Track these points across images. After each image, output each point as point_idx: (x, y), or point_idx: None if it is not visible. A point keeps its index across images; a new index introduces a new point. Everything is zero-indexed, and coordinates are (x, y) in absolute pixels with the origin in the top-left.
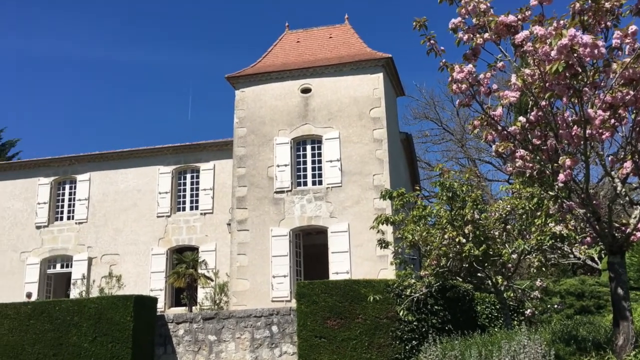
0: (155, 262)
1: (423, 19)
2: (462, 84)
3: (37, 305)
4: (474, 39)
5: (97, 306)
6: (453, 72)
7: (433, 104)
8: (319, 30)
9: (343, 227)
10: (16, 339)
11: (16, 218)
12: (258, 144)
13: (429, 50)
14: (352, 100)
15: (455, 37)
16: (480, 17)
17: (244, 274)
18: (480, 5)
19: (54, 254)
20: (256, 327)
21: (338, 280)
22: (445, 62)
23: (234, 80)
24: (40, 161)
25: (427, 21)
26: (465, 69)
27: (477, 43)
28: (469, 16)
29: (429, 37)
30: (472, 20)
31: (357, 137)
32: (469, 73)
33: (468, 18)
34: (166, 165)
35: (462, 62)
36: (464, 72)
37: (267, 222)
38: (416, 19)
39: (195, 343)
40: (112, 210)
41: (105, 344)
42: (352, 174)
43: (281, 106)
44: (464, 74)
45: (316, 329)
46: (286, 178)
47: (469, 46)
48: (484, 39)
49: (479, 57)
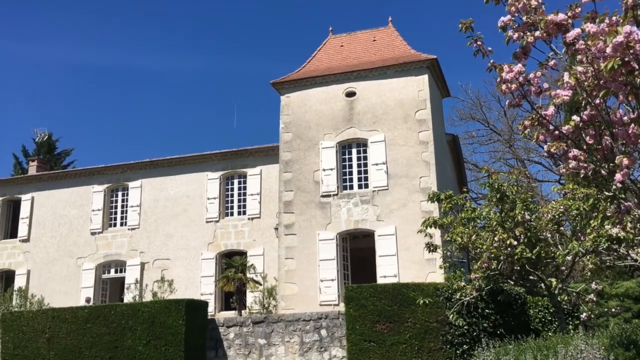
0: (205, 267)
1: (469, 21)
2: (511, 84)
3: (93, 309)
4: (525, 37)
5: (150, 310)
6: (502, 73)
7: (479, 105)
8: (363, 33)
9: (390, 231)
10: (74, 342)
11: (72, 225)
12: (304, 148)
13: (476, 52)
14: (397, 103)
15: (505, 35)
16: (530, 15)
17: (292, 278)
18: (531, 2)
19: (108, 259)
20: (305, 330)
21: (386, 284)
22: (493, 63)
23: (279, 86)
24: (94, 169)
25: (474, 22)
26: (514, 69)
27: (527, 41)
28: (519, 14)
29: (476, 39)
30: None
31: (403, 139)
32: (518, 73)
33: (517, 16)
34: (214, 171)
35: (511, 62)
36: (514, 71)
37: (314, 226)
38: (462, 21)
39: (246, 346)
40: (162, 216)
41: (159, 347)
42: (399, 177)
43: (326, 110)
44: (514, 73)
45: (365, 333)
46: (332, 182)
47: (518, 44)
48: (534, 37)
49: (529, 56)
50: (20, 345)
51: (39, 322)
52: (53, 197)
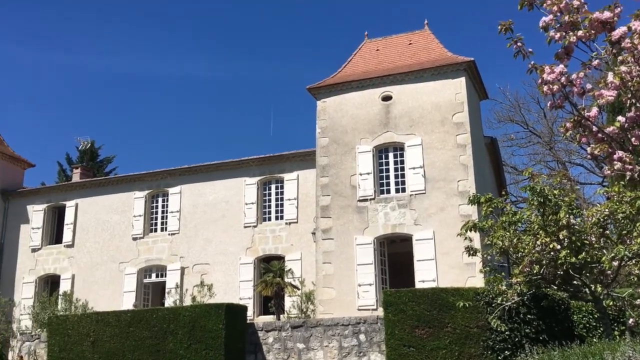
0: (243, 271)
1: (508, 22)
2: (553, 85)
3: (136, 313)
4: (567, 37)
5: (191, 314)
6: (543, 74)
7: (518, 106)
8: (398, 37)
9: (428, 235)
10: (117, 346)
11: (114, 230)
12: (340, 153)
13: (517, 53)
14: (434, 106)
15: (546, 35)
16: (573, 14)
17: (330, 283)
18: (573, 2)
19: (150, 264)
20: (343, 335)
21: (425, 289)
22: (534, 64)
23: (315, 91)
24: (135, 176)
25: (513, 24)
26: (556, 70)
27: (570, 41)
28: (561, 13)
29: (516, 40)
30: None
31: (440, 143)
32: (560, 74)
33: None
34: (251, 177)
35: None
36: (555, 72)
37: (351, 230)
38: (501, 23)
39: (285, 351)
40: (201, 222)
41: (200, 350)
42: (436, 181)
43: (362, 115)
44: (555, 74)
45: (404, 338)
46: (369, 186)
47: (560, 45)
48: (577, 36)
49: (571, 56)
50: (65, 348)
51: (84, 325)
52: (96, 204)
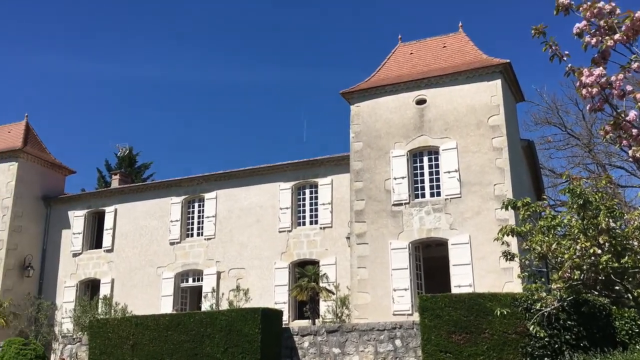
0: (278, 276)
1: (541, 26)
2: (592, 87)
3: (174, 317)
4: (604, 42)
5: (227, 318)
6: (581, 77)
7: (555, 108)
8: (432, 40)
9: (464, 239)
10: (156, 349)
11: (152, 235)
12: (374, 157)
13: (552, 57)
14: (469, 109)
15: (581, 41)
16: (607, 19)
17: (365, 287)
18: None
19: (186, 268)
20: (379, 340)
21: (462, 294)
22: (571, 67)
23: (348, 95)
24: (172, 182)
25: (547, 27)
26: (594, 72)
27: (607, 45)
28: (595, 19)
29: (550, 44)
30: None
31: (476, 146)
32: (599, 76)
33: (594, 20)
34: (286, 182)
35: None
36: (594, 75)
37: (386, 235)
38: (534, 27)
39: (320, 355)
40: (237, 226)
41: (236, 354)
42: (472, 185)
43: (396, 119)
44: (594, 77)
45: (441, 344)
46: (403, 190)
47: (597, 49)
48: (614, 40)
49: (608, 60)
50: (106, 351)
51: (124, 329)
52: (134, 209)
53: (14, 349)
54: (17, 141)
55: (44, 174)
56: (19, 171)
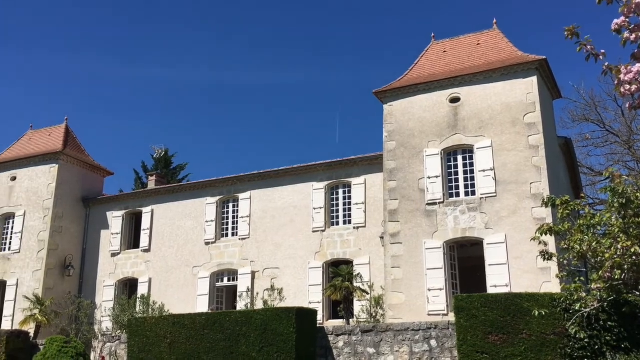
0: (312, 276)
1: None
2: (631, 85)
3: (210, 316)
4: None
5: (262, 318)
6: (619, 75)
7: (594, 105)
8: (466, 38)
9: (500, 239)
10: (193, 347)
11: (188, 235)
12: (408, 156)
13: (588, 57)
14: (504, 107)
15: (620, 37)
16: None
17: (399, 287)
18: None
19: (221, 268)
20: (414, 340)
21: (498, 294)
22: (608, 65)
23: (381, 94)
24: (207, 182)
25: (579, 27)
26: (633, 69)
27: None
28: (634, 14)
29: (585, 44)
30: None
31: (511, 144)
32: (638, 73)
33: (633, 16)
34: (319, 182)
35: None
36: (632, 72)
37: (420, 234)
38: (566, 28)
39: (355, 355)
40: (271, 226)
41: (272, 353)
42: (507, 183)
43: (430, 117)
44: (633, 74)
45: (477, 344)
46: (437, 190)
47: (636, 45)
48: None
49: None
50: (144, 349)
51: (161, 327)
52: (170, 210)
53: (56, 347)
54: (58, 144)
55: (83, 175)
56: (60, 173)
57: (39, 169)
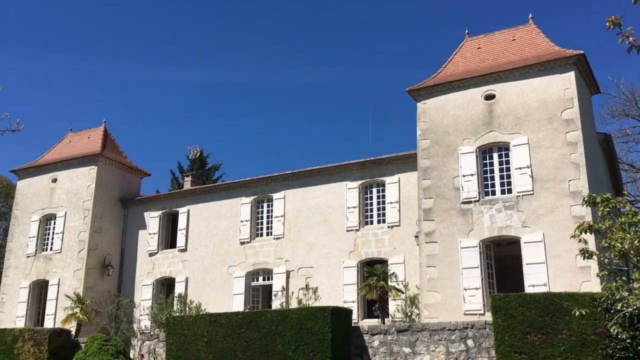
0: (346, 275)
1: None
2: None
3: (246, 315)
4: None
5: (297, 317)
6: None
7: (634, 100)
8: (501, 33)
9: (537, 237)
10: (229, 346)
11: (223, 235)
12: (442, 154)
13: (630, 49)
14: (540, 103)
15: None
16: None
17: (434, 287)
18: None
19: (256, 267)
20: (450, 340)
21: (536, 293)
22: None
23: (415, 92)
24: (241, 182)
25: (622, 18)
26: None
27: None
28: None
29: (627, 35)
30: None
31: (549, 141)
32: None
33: None
34: (353, 181)
35: None
36: None
37: (455, 233)
38: (609, 19)
39: (391, 355)
40: (305, 226)
41: (307, 352)
42: (545, 181)
43: (464, 115)
44: None
45: (515, 344)
46: (473, 188)
47: None
48: None
49: None
50: (182, 347)
51: (198, 326)
52: (206, 210)
53: (97, 345)
54: (96, 146)
55: (121, 176)
56: (99, 174)
57: (78, 171)
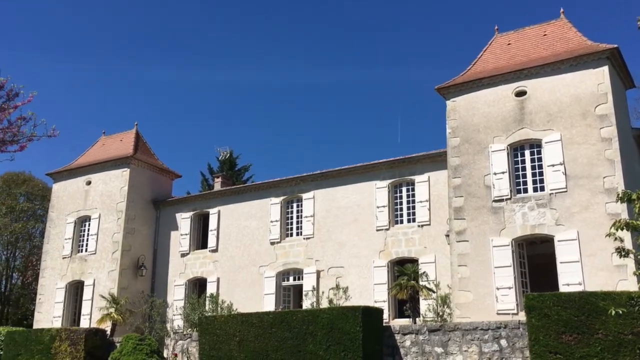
0: (377, 274)
1: None
2: None
3: (277, 314)
4: None
5: (328, 316)
6: None
7: None
8: (532, 29)
9: (571, 235)
10: (261, 345)
11: (254, 235)
12: (472, 152)
13: None
14: (573, 99)
15: None
16: None
17: (466, 286)
18: None
19: (287, 267)
20: (483, 340)
21: (571, 292)
22: None
23: (444, 90)
24: (271, 183)
25: None
26: None
27: None
28: None
29: None
30: None
31: (582, 137)
32: None
33: None
34: (382, 180)
35: None
36: None
37: (487, 232)
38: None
39: (422, 354)
40: (334, 226)
41: (338, 352)
42: (578, 178)
43: (494, 112)
44: None
45: (550, 344)
46: (504, 186)
47: None
48: None
49: None
50: (215, 347)
51: (230, 326)
52: (236, 210)
53: (131, 344)
54: (129, 148)
55: (153, 178)
56: (131, 177)
57: (112, 173)
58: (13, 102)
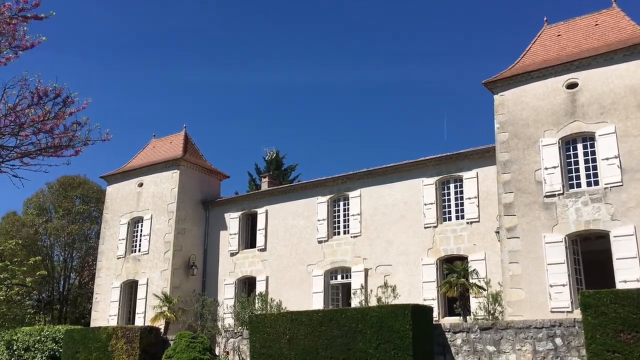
0: (425, 272)
1: None
2: None
3: (326, 313)
4: None
5: (378, 315)
6: None
7: None
8: (582, 19)
9: (628, 231)
10: (311, 344)
11: (301, 234)
12: (522, 147)
13: None
14: (628, 90)
15: None
16: None
17: (518, 284)
18: None
19: (335, 266)
20: (537, 338)
21: (630, 289)
22: None
23: (491, 85)
24: (317, 182)
25: None
26: None
27: None
28: None
29: None
30: None
31: (638, 129)
32: None
33: None
34: (429, 177)
35: None
36: None
37: (538, 228)
38: None
39: (474, 353)
40: (382, 224)
41: (388, 350)
42: (635, 171)
43: (544, 105)
44: None
45: (607, 343)
46: (556, 181)
47: None
48: None
49: None
50: (265, 345)
51: (280, 324)
52: (283, 210)
53: (185, 342)
54: (178, 150)
55: (202, 179)
56: (181, 178)
57: (162, 175)
58: (68, 109)
